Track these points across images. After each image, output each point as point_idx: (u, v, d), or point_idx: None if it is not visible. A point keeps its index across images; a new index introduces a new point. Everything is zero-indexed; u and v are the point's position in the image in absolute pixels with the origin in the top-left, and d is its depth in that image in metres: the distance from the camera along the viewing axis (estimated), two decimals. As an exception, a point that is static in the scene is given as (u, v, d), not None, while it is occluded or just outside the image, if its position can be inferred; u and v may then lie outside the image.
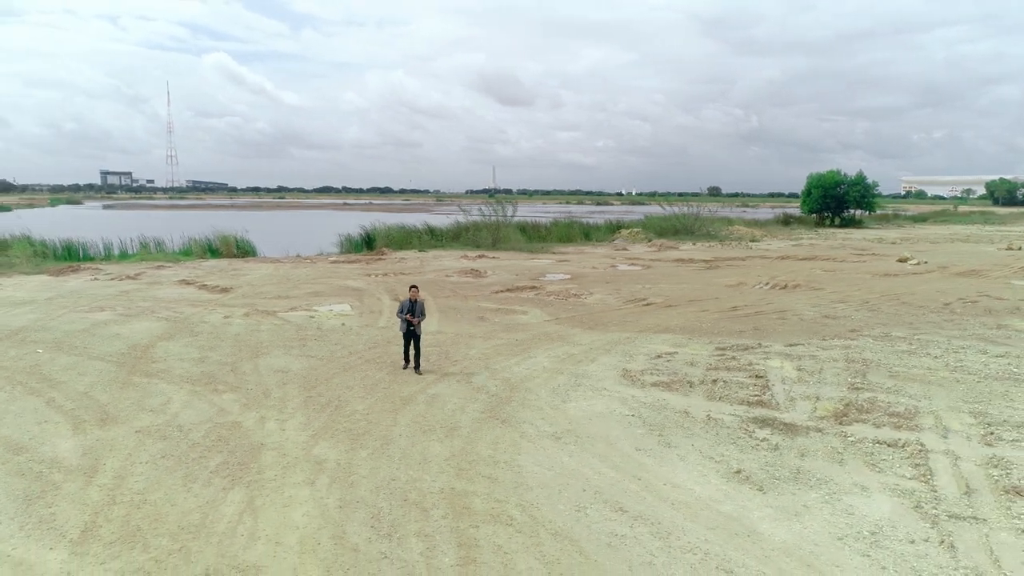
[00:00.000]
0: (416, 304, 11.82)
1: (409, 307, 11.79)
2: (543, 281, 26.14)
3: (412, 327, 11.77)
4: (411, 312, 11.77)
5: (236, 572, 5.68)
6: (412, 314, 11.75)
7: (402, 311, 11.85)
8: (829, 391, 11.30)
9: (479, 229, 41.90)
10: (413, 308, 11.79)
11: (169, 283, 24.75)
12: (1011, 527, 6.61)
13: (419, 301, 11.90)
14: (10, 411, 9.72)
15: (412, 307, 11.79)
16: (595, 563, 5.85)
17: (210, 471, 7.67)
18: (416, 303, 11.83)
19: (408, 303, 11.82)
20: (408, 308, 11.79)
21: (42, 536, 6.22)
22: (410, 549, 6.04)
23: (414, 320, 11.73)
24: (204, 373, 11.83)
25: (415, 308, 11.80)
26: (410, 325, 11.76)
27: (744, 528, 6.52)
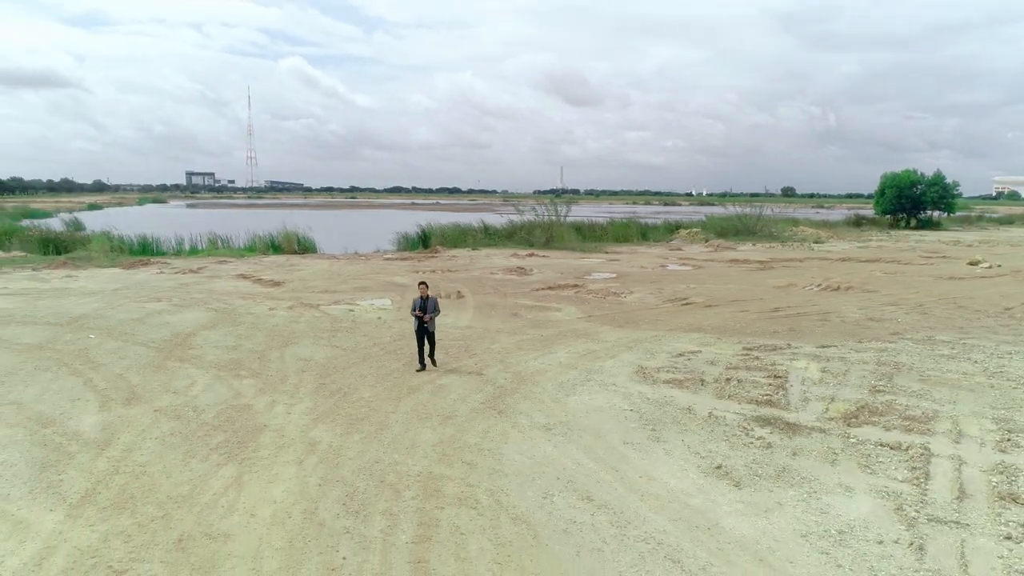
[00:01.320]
0: (428, 301, 11.74)
1: (420, 304, 11.71)
2: (587, 280, 26.11)
3: (424, 324, 11.70)
4: (422, 309, 11.70)
5: (207, 539, 6.07)
6: (424, 311, 11.69)
7: (414, 309, 11.78)
8: (847, 393, 11.00)
9: (532, 228, 42.06)
10: (425, 305, 11.71)
11: (227, 277, 25.93)
12: (993, 533, 6.36)
13: (431, 298, 11.82)
14: (51, 389, 10.52)
15: (423, 304, 11.72)
16: (545, 547, 5.97)
17: (210, 448, 8.15)
18: (428, 300, 11.75)
19: (419, 300, 11.73)
20: (419, 305, 11.71)
21: (46, 499, 6.79)
22: (372, 526, 6.31)
23: (425, 317, 11.66)
24: (233, 360, 12.46)
25: (427, 305, 11.72)
26: (422, 322, 11.70)
27: (707, 521, 6.51)
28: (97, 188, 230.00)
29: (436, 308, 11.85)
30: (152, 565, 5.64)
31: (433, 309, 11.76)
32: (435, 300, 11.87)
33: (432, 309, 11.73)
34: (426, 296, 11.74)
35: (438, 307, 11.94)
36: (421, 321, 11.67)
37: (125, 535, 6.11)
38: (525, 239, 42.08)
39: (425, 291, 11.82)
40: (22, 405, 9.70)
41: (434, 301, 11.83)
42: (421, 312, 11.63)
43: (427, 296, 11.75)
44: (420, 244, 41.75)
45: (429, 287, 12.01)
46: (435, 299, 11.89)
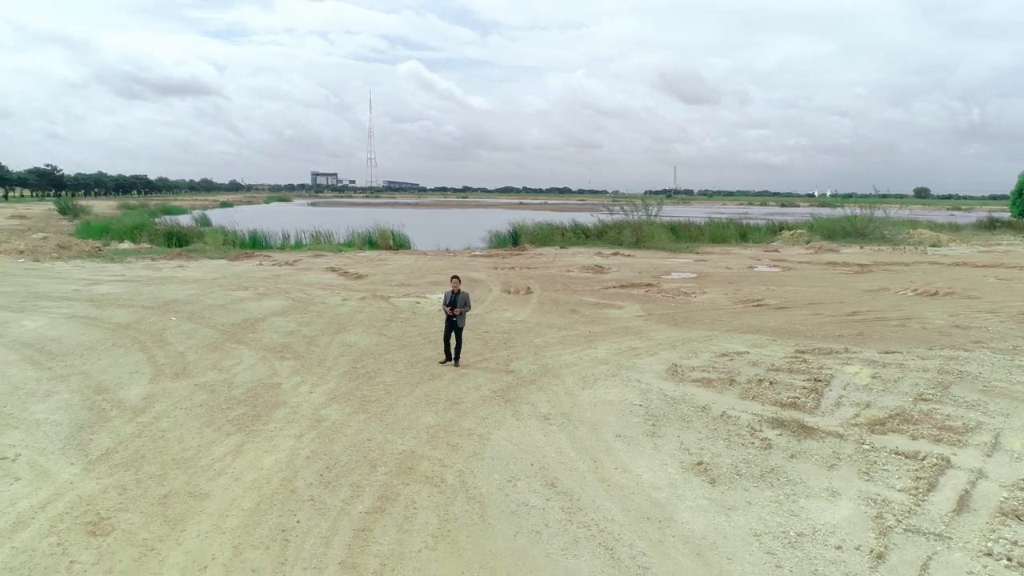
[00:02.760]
0: (458, 295, 11.62)
1: (451, 299, 11.61)
2: (663, 279, 25.70)
3: (453, 318, 11.62)
4: (452, 303, 11.59)
5: (189, 496, 6.69)
6: (454, 306, 11.59)
7: (444, 303, 11.73)
8: (889, 400, 10.40)
9: (622, 228, 41.68)
10: (455, 300, 11.59)
11: (318, 269, 27.47)
12: (974, 549, 5.93)
13: (461, 292, 11.68)
14: (117, 362, 11.72)
15: (453, 299, 11.61)
16: (487, 526, 6.15)
17: (227, 420, 8.87)
18: (458, 294, 11.62)
19: (450, 295, 11.63)
20: (449, 300, 11.62)
21: (72, 455, 7.68)
22: (337, 496, 6.71)
23: (454, 312, 11.57)
24: (284, 343, 13.34)
25: (456, 300, 11.59)
26: (451, 317, 11.63)
27: (661, 514, 6.45)
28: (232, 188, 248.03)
29: (467, 303, 11.72)
30: (132, 515, 6.29)
31: (463, 304, 11.64)
32: (466, 295, 11.76)
33: (462, 304, 11.62)
34: (457, 291, 11.64)
35: (468, 302, 11.80)
36: (450, 316, 11.62)
37: (122, 488, 6.83)
38: (615, 238, 41.79)
39: (456, 285, 11.72)
40: (88, 375, 10.88)
41: (465, 296, 11.71)
42: (450, 306, 11.57)
43: (458, 291, 11.64)
44: (510, 242, 42.31)
45: (461, 281, 11.98)
46: (466, 294, 11.78)
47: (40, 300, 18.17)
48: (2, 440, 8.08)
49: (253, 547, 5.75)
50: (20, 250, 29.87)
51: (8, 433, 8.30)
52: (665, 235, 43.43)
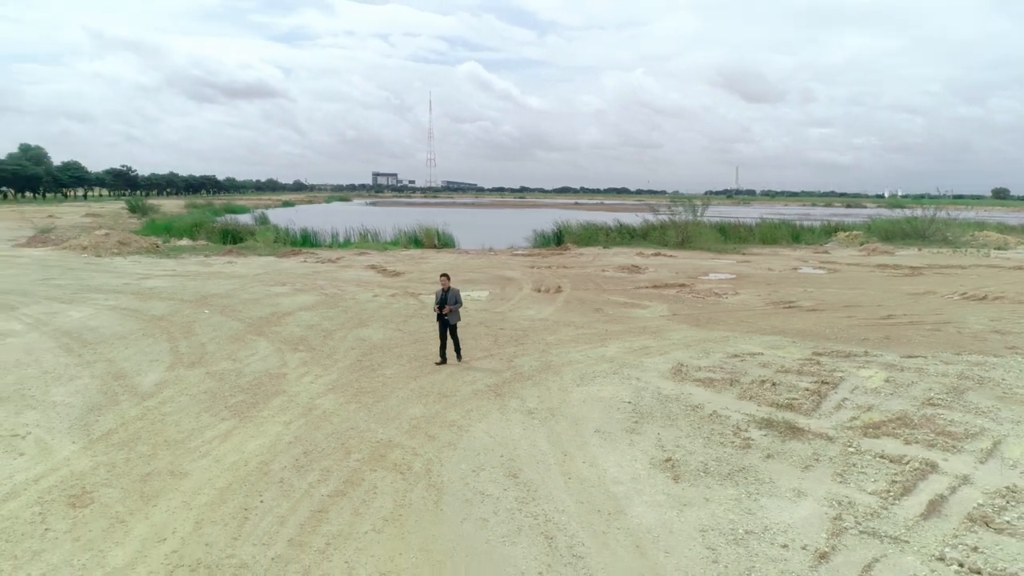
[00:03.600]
0: (448, 293, 11.50)
1: (442, 297, 11.49)
2: (699, 280, 25.39)
3: (444, 316, 11.50)
4: (442, 302, 11.46)
5: (169, 475, 7.11)
6: (444, 304, 11.43)
7: (436, 301, 11.59)
8: (894, 404, 10.13)
9: (667, 228, 41.25)
10: (445, 298, 11.47)
11: (358, 267, 28.18)
12: (929, 553, 5.80)
13: (451, 290, 11.56)
14: (142, 351, 12.40)
15: (444, 297, 11.48)
16: (438, 512, 6.34)
17: (226, 406, 9.32)
18: (448, 292, 11.50)
19: (441, 293, 11.54)
20: (440, 299, 11.50)
21: (75, 434, 8.24)
22: (305, 479, 7.02)
23: (444, 310, 11.44)
24: (302, 337, 13.84)
25: (447, 298, 11.47)
26: (442, 315, 11.50)
27: (614, 508, 6.52)
28: (296, 188, 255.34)
29: (457, 300, 11.59)
30: (113, 490, 6.73)
31: (454, 301, 11.51)
32: (456, 292, 11.64)
33: (452, 301, 11.49)
34: (447, 288, 11.55)
35: (459, 299, 11.68)
36: (441, 314, 11.51)
37: (111, 466, 7.30)
38: (659, 239, 41.37)
39: (446, 283, 11.64)
40: (113, 362, 11.56)
41: (455, 293, 11.59)
42: (440, 305, 11.46)
43: (448, 288, 11.56)
44: (553, 241, 42.40)
45: (451, 279, 11.97)
46: (456, 291, 11.66)
47: (90, 292, 19.26)
48: (18, 419, 8.70)
49: (213, 523, 6.09)
50: (84, 246, 31.60)
51: (26, 413, 8.93)
52: (712, 235, 42.77)
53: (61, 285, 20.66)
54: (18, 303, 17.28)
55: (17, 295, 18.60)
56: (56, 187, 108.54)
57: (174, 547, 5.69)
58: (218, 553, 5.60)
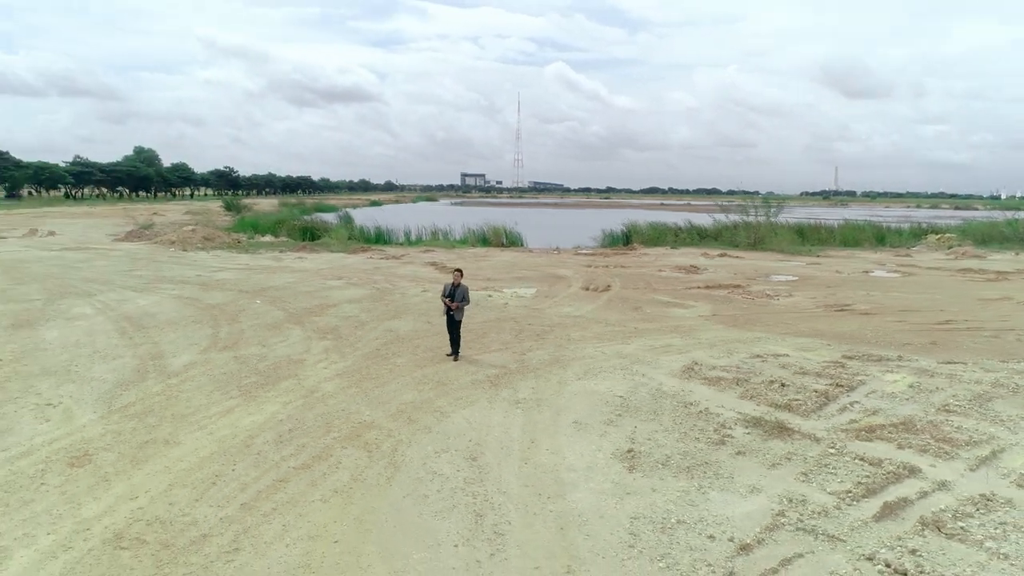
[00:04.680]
0: (457, 289, 11.43)
1: (450, 291, 11.41)
2: (758, 281, 24.80)
3: (451, 312, 11.48)
4: (451, 297, 11.39)
5: (163, 444, 7.83)
6: (451, 299, 11.38)
7: (444, 294, 11.56)
8: (905, 409, 9.80)
9: (737, 229, 40.27)
10: (453, 293, 11.39)
11: (419, 263, 29.05)
12: (860, 553, 5.72)
13: (461, 286, 11.49)
14: (186, 335, 13.44)
15: (452, 292, 11.40)
16: (387, 487, 6.73)
17: (238, 386, 10.06)
18: (458, 287, 11.44)
19: (450, 287, 11.48)
20: (448, 292, 11.43)
21: (99, 405, 9.14)
22: (280, 452, 7.58)
23: (452, 305, 11.39)
24: (335, 327, 14.58)
25: (455, 293, 11.39)
26: (449, 310, 11.48)
27: (555, 492, 6.71)
28: (387, 188, 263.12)
29: (465, 297, 11.54)
30: (111, 454, 7.49)
31: (461, 298, 11.46)
32: (465, 289, 11.62)
33: (460, 298, 11.44)
34: (457, 283, 11.51)
35: (467, 296, 11.63)
36: (448, 309, 11.51)
37: (117, 433, 8.10)
38: (730, 240, 40.44)
39: (458, 278, 11.60)
40: (156, 344, 12.61)
41: (464, 290, 11.56)
42: (449, 299, 11.46)
43: (458, 284, 11.51)
44: (621, 241, 42.20)
45: (463, 275, 12.00)
46: (465, 288, 11.64)
47: (162, 283, 20.83)
48: (57, 391, 9.71)
49: (184, 486, 6.70)
50: (172, 240, 33.99)
51: (65, 386, 9.94)
52: (788, 237, 41.43)
53: (140, 276, 22.41)
54: (97, 291, 18.93)
55: (99, 284, 20.35)
56: (166, 187, 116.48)
57: (142, 504, 6.32)
58: (176, 512, 6.19)
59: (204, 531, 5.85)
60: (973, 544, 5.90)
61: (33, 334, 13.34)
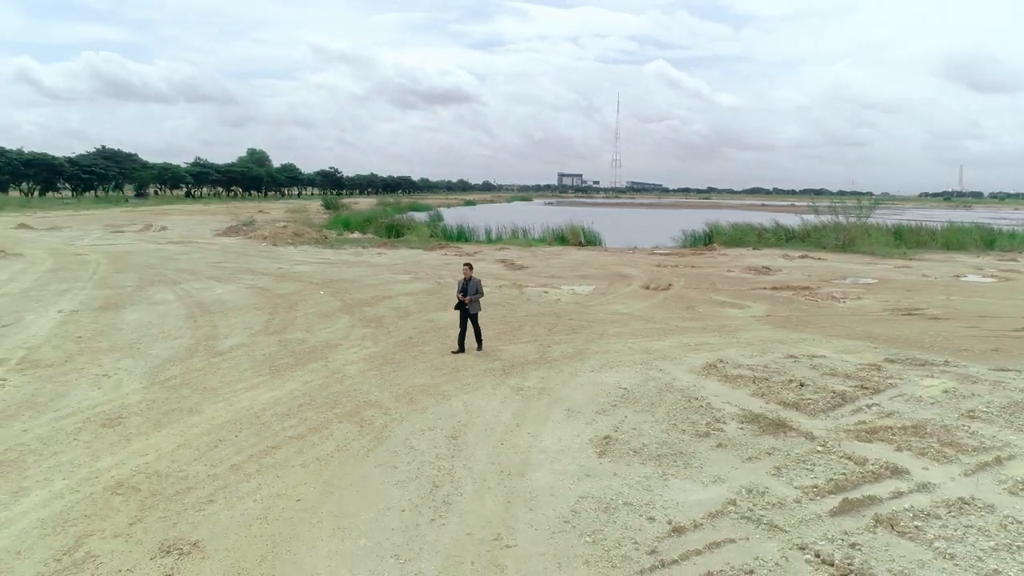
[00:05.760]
0: (469, 283, 11.68)
1: (463, 286, 11.68)
2: (831, 283, 23.95)
3: (464, 305, 11.71)
4: (463, 291, 11.66)
5: (186, 412, 8.73)
6: (464, 293, 11.65)
7: (458, 289, 11.80)
8: (924, 413, 9.50)
9: (828, 230, 38.69)
10: (466, 287, 11.65)
11: (489, 260, 29.75)
12: (793, 543, 5.77)
13: (472, 280, 11.74)
14: (244, 321, 14.61)
15: (465, 286, 11.67)
16: (364, 458, 7.29)
17: (271, 366, 10.95)
18: (469, 282, 11.69)
19: (462, 282, 11.73)
20: (461, 287, 11.70)
21: (145, 378, 10.22)
22: (283, 424, 8.30)
23: (465, 299, 11.64)
24: (381, 316, 15.40)
25: (467, 287, 11.65)
26: (462, 304, 11.74)
27: (518, 470, 7.06)
28: (485, 188, 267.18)
29: (478, 290, 11.78)
30: (139, 418, 8.46)
31: (474, 291, 11.70)
32: (477, 282, 11.85)
33: (473, 291, 11.69)
34: (468, 278, 11.78)
35: (480, 289, 11.87)
36: (461, 303, 11.75)
37: (151, 402, 9.09)
38: (817, 241, 38.91)
39: (468, 273, 11.89)
40: (215, 327, 13.81)
41: (476, 283, 11.80)
42: (462, 294, 11.73)
43: (469, 278, 11.79)
44: (702, 242, 41.48)
45: (473, 269, 12.28)
46: (477, 281, 11.88)
47: (244, 274, 22.47)
48: (116, 364, 10.93)
49: (188, 447, 7.52)
50: (264, 236, 36.30)
51: (124, 360, 11.16)
52: (883, 239, 39.41)
53: (226, 267, 24.23)
54: (184, 280, 20.70)
55: (188, 273, 22.21)
56: (276, 186, 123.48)
57: (149, 460, 7.17)
58: (174, 468, 6.99)
59: (190, 485, 6.59)
60: (922, 543, 5.80)
61: (116, 316, 14.87)
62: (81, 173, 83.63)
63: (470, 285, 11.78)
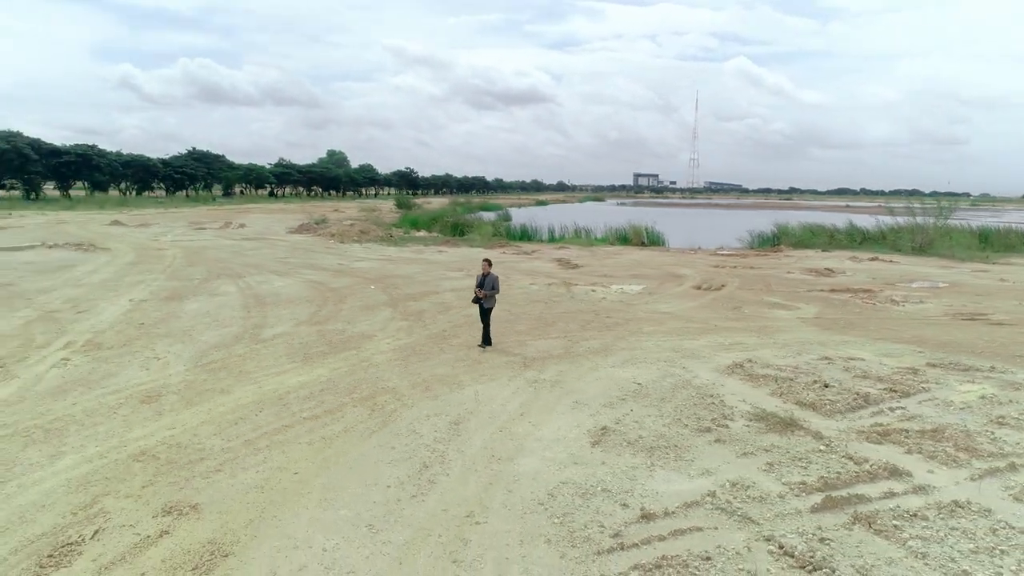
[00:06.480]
0: (487, 278, 11.84)
1: (480, 281, 11.88)
2: (896, 287, 23.11)
3: (480, 300, 11.93)
4: (480, 286, 11.85)
5: (219, 392, 9.41)
6: (481, 288, 11.82)
7: (476, 284, 12.02)
8: (950, 418, 9.26)
9: (903, 232, 37.10)
10: (483, 282, 11.82)
11: (545, 259, 30.03)
12: (761, 535, 5.84)
13: (489, 276, 11.88)
14: (292, 312, 15.42)
15: (482, 281, 11.83)
16: (366, 438, 7.73)
17: (305, 354, 11.59)
18: (487, 277, 11.85)
19: (480, 277, 11.98)
20: (479, 282, 11.90)
21: (190, 362, 11.03)
22: (303, 405, 8.86)
23: (481, 293, 11.84)
24: (422, 311, 15.94)
25: (484, 282, 11.81)
26: (477, 298, 11.97)
27: (508, 455, 7.33)
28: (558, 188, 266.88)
29: (494, 286, 11.91)
30: (175, 397, 9.19)
31: (490, 287, 11.86)
32: (494, 278, 11.97)
33: (489, 287, 11.86)
34: (486, 273, 11.96)
35: (496, 285, 11.99)
36: (477, 297, 12.01)
37: (189, 383, 9.84)
38: (892, 244, 37.35)
39: (487, 268, 12.04)
40: (265, 317, 14.65)
41: (493, 279, 11.93)
42: (479, 288, 11.93)
43: (487, 273, 11.96)
44: (770, 243, 40.51)
45: (492, 265, 12.38)
46: (495, 277, 11.99)
47: (304, 269, 23.54)
48: (168, 348, 11.81)
49: (210, 423, 8.16)
50: (332, 234, 37.71)
51: (176, 345, 12.04)
52: (965, 241, 37.49)
53: (289, 262, 25.41)
54: (248, 273, 21.89)
55: (253, 268, 23.45)
56: (353, 186, 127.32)
57: (173, 433, 7.83)
58: (193, 440, 7.62)
59: (204, 456, 7.18)
60: (896, 542, 5.75)
61: (178, 306, 15.95)
62: (173, 173, 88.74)
63: (487, 280, 11.95)
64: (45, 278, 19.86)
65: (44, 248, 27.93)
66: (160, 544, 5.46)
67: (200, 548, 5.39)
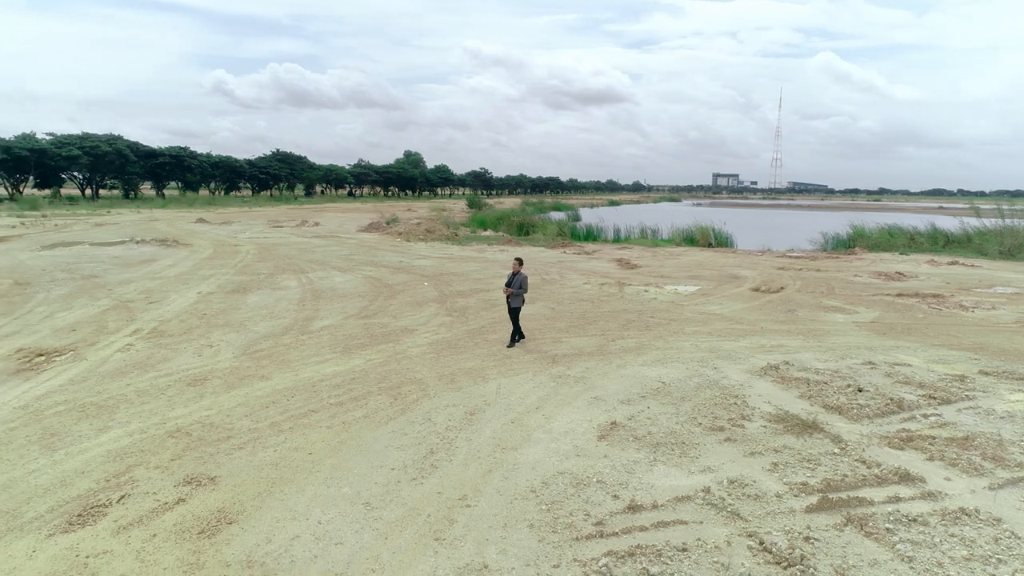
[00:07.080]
0: (516, 277, 11.92)
1: (509, 280, 12.01)
2: (971, 291, 22.07)
3: (508, 298, 12.08)
4: (508, 284, 11.97)
5: (257, 379, 10.04)
6: (509, 286, 11.96)
7: (506, 283, 12.10)
8: (985, 427, 8.97)
9: (989, 235, 35.14)
10: (511, 281, 11.92)
11: (604, 259, 30.04)
12: (744, 531, 5.90)
13: (519, 275, 11.95)
14: (345, 305, 16.11)
15: (511, 280, 11.94)
16: (383, 423, 8.14)
17: (345, 346, 12.16)
18: (516, 276, 11.93)
19: (510, 276, 12.06)
20: (508, 281, 12.03)
21: (239, 350, 11.76)
22: (332, 392, 9.36)
23: (507, 292, 11.99)
24: (468, 307, 16.35)
25: (513, 281, 11.91)
26: (507, 296, 12.09)
27: (514, 446, 7.58)
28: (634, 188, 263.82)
29: (522, 286, 11.97)
30: (218, 381, 9.87)
31: (518, 286, 11.93)
32: (523, 278, 12.01)
33: (517, 286, 11.93)
34: (516, 272, 12.02)
35: (525, 285, 12.04)
36: (506, 295, 12.12)
37: (235, 369, 10.53)
38: (977, 248, 35.44)
39: (517, 267, 12.07)
40: (318, 310, 15.39)
41: (522, 279, 11.99)
42: (507, 286, 12.07)
43: (517, 272, 12.02)
44: (844, 245, 39.13)
45: (523, 264, 12.48)
46: (523, 277, 12.03)
47: (366, 266, 24.41)
48: (223, 337, 12.62)
49: (246, 405, 8.75)
50: (399, 232, 38.76)
51: (230, 335, 12.85)
52: (1059, 245, 35.13)
53: (353, 259, 26.37)
54: (311, 268, 22.90)
55: (317, 264, 24.48)
56: (429, 187, 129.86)
57: (209, 414, 8.46)
58: (226, 420, 8.22)
59: (231, 434, 7.75)
60: (885, 545, 5.70)
61: (241, 298, 16.92)
62: (258, 174, 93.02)
63: (515, 279, 12.03)
64: (128, 271, 21.38)
65: (132, 244, 29.96)
66: (175, 510, 6.00)
67: (209, 515, 5.89)
